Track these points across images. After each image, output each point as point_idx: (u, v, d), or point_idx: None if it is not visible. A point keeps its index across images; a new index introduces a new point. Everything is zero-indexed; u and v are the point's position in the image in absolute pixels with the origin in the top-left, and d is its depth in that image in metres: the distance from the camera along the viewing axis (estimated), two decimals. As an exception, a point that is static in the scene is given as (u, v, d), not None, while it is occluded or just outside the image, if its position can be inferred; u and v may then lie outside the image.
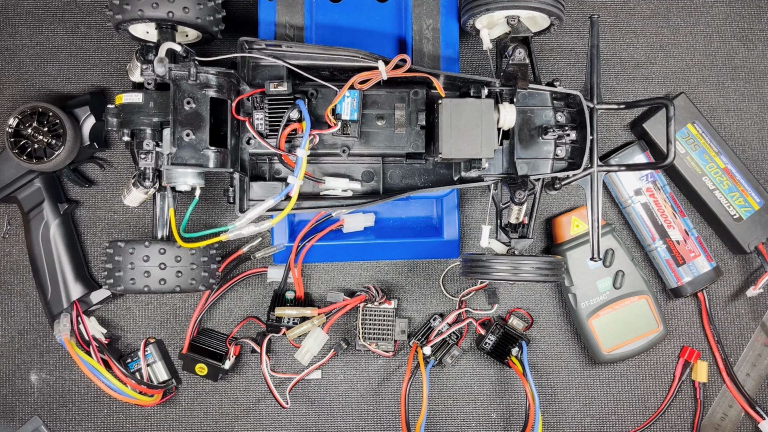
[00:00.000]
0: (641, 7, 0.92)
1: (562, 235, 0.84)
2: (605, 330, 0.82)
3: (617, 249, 0.82)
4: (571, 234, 0.83)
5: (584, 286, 0.82)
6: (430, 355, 0.85)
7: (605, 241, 0.82)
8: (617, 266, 0.82)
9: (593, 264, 0.79)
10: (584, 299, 0.82)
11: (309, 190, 0.78)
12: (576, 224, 0.83)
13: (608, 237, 0.82)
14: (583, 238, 0.83)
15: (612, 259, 0.81)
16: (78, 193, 0.88)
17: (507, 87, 0.74)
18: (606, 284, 0.82)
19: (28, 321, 0.87)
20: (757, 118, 0.91)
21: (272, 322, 0.83)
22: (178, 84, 0.69)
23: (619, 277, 0.81)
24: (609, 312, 0.82)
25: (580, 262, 0.82)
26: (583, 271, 0.82)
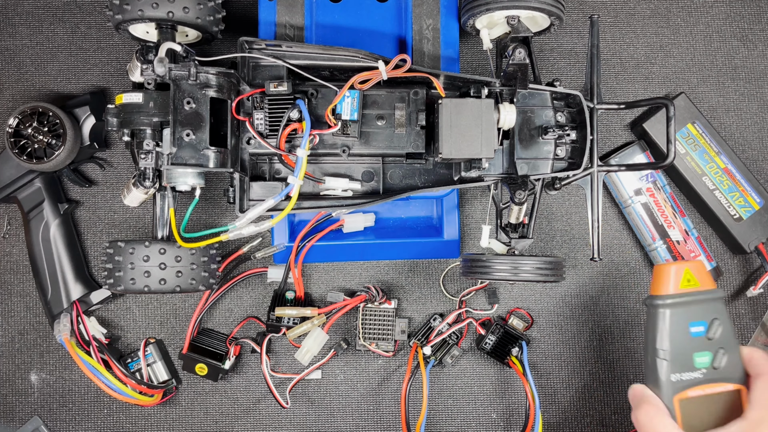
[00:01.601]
0: (641, 7, 0.92)
1: (665, 286, 0.65)
2: (690, 414, 0.63)
3: (724, 322, 0.63)
4: (678, 289, 0.64)
5: (679, 355, 0.63)
6: (430, 355, 0.85)
7: (713, 308, 0.64)
8: (721, 342, 0.63)
9: (695, 331, 0.63)
10: (676, 371, 0.63)
11: (309, 190, 0.78)
12: (687, 278, 0.64)
13: (716, 304, 0.64)
14: (692, 297, 0.64)
15: (717, 331, 0.63)
16: (78, 193, 0.88)
17: (507, 87, 0.74)
18: (705, 360, 0.63)
19: (28, 321, 0.87)
20: (757, 118, 0.91)
21: (272, 322, 0.83)
22: (178, 84, 0.69)
23: (720, 355, 0.63)
24: (700, 393, 0.63)
25: (681, 326, 0.63)
26: (682, 337, 0.63)
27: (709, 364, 0.63)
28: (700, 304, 0.63)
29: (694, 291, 0.64)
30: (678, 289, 0.64)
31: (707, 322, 0.63)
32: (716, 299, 0.64)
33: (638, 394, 0.63)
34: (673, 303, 0.63)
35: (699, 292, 0.63)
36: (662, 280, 0.65)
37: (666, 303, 0.63)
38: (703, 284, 0.64)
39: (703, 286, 0.63)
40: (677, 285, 0.64)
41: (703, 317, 0.63)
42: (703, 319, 0.63)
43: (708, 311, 0.63)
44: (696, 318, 0.63)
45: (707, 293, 0.64)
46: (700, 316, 0.63)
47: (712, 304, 0.63)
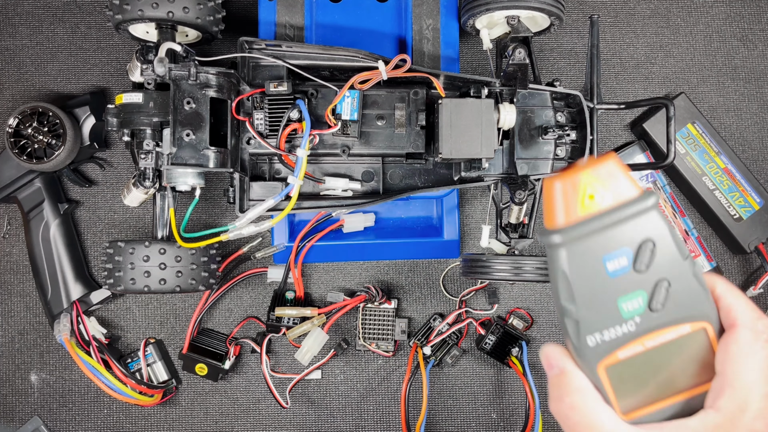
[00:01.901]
0: (641, 7, 0.92)
1: (554, 215, 0.41)
2: (625, 383, 0.42)
3: (662, 240, 0.40)
4: (576, 214, 0.40)
5: (595, 308, 0.42)
6: (430, 355, 0.85)
7: (643, 222, 0.40)
8: (659, 271, 0.41)
9: (615, 268, 0.40)
10: (593, 329, 0.41)
11: (309, 190, 0.78)
12: (589, 194, 0.40)
13: (650, 215, 0.40)
14: (599, 221, 0.40)
15: (651, 259, 0.40)
16: (78, 193, 0.88)
17: (507, 87, 0.74)
18: (636, 304, 0.41)
19: (28, 321, 0.87)
20: (757, 118, 0.91)
21: (272, 322, 0.83)
22: (178, 84, 0.69)
23: (661, 291, 0.41)
24: (635, 351, 0.41)
25: (591, 266, 0.41)
26: (595, 280, 0.41)
27: (644, 307, 0.41)
28: (615, 227, 0.40)
29: (601, 212, 0.40)
30: (575, 216, 0.40)
31: (632, 249, 0.40)
32: (642, 211, 0.40)
33: (555, 366, 0.43)
34: (570, 238, 0.40)
35: (610, 211, 0.40)
36: (550, 206, 0.41)
37: (558, 241, 0.40)
38: (617, 195, 0.40)
39: (615, 200, 0.40)
40: (573, 209, 0.41)
41: (623, 244, 0.40)
42: (623, 246, 0.41)
43: (631, 233, 0.40)
44: (612, 248, 0.41)
45: (624, 208, 0.40)
46: (619, 244, 0.40)
47: (635, 222, 0.40)
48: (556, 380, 0.41)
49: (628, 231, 0.40)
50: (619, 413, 0.41)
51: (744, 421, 0.37)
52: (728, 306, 0.41)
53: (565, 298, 0.42)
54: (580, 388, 0.40)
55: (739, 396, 0.38)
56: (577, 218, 0.40)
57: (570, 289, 0.41)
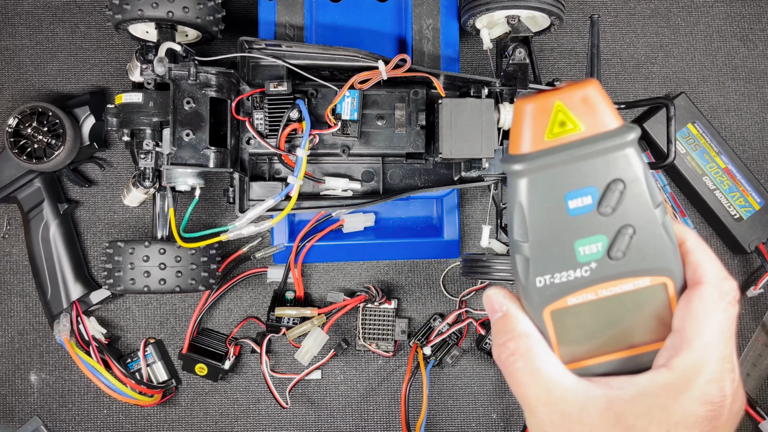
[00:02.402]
0: (641, 7, 0.92)
1: (521, 139, 0.37)
2: (570, 331, 0.38)
3: (635, 181, 0.36)
4: (545, 139, 0.36)
5: (550, 246, 0.37)
6: (431, 356, 0.85)
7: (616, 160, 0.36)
8: (625, 217, 0.36)
9: (577, 206, 0.36)
10: (544, 271, 0.37)
11: (309, 190, 0.78)
12: (561, 120, 0.36)
13: (626, 152, 0.36)
14: (569, 151, 0.35)
15: (619, 202, 0.36)
16: (78, 193, 0.88)
17: (507, 87, 0.74)
18: (594, 249, 0.37)
19: (27, 321, 0.87)
20: (757, 118, 0.91)
21: (272, 322, 0.83)
22: (177, 84, 0.69)
23: (623, 238, 0.36)
24: (586, 299, 0.38)
25: (551, 201, 0.36)
26: (553, 217, 0.37)
27: (602, 253, 0.37)
28: (584, 161, 0.36)
29: (570, 142, 0.36)
30: (542, 143, 0.36)
31: (599, 188, 0.36)
32: (618, 147, 0.36)
33: (498, 310, 0.39)
34: (533, 167, 0.36)
35: (581, 142, 0.35)
36: (518, 129, 0.37)
37: (519, 168, 0.36)
38: (592, 125, 0.35)
39: (590, 130, 0.35)
40: (541, 135, 0.36)
41: (590, 181, 0.36)
42: (589, 184, 0.36)
43: (601, 170, 0.36)
44: (577, 184, 0.36)
45: (598, 141, 0.35)
46: (585, 180, 0.36)
47: (608, 158, 0.36)
48: (499, 324, 0.38)
49: (598, 167, 0.36)
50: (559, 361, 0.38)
51: (698, 383, 0.35)
52: (696, 261, 0.38)
53: (518, 233, 0.37)
54: (524, 332, 0.37)
55: (696, 356, 0.35)
56: (543, 146, 0.36)
57: (524, 223, 0.37)
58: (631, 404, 0.35)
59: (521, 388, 0.36)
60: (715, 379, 0.35)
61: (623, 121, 0.36)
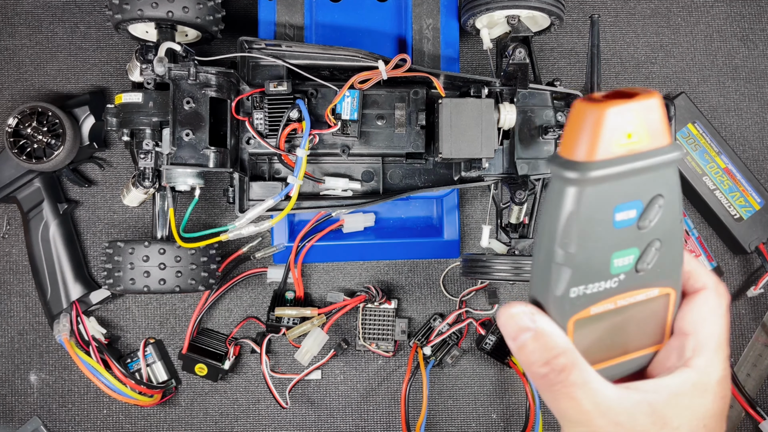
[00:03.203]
0: (641, 7, 0.92)
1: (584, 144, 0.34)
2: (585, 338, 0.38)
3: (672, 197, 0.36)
4: (611, 150, 0.33)
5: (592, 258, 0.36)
6: (431, 356, 0.85)
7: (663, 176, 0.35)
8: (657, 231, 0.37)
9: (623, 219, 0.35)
10: (581, 281, 0.36)
11: (309, 190, 0.78)
12: (629, 132, 0.34)
13: (672, 169, 0.36)
14: (630, 164, 0.34)
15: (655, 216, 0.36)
16: (78, 193, 0.88)
17: (507, 87, 0.74)
18: (626, 261, 0.37)
19: (27, 321, 0.87)
20: (757, 118, 0.91)
21: (272, 322, 0.83)
22: (177, 84, 0.69)
23: (652, 252, 0.37)
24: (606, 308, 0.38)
25: (602, 214, 0.35)
26: (600, 230, 0.36)
27: (631, 266, 0.37)
28: (638, 175, 0.35)
29: (635, 154, 0.34)
30: (605, 153, 0.34)
31: (644, 202, 0.36)
32: (668, 163, 0.35)
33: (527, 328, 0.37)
34: (592, 178, 0.34)
35: (641, 155, 0.34)
36: (577, 133, 0.34)
37: (575, 177, 0.34)
38: (653, 140, 0.34)
39: (650, 144, 0.34)
40: (606, 145, 0.34)
41: (638, 195, 0.36)
42: (638, 197, 0.36)
43: (649, 185, 0.35)
44: (628, 197, 0.35)
45: (655, 155, 0.34)
46: (635, 194, 0.35)
47: (657, 173, 0.35)
48: (536, 342, 0.36)
49: (647, 182, 0.35)
50: None
51: (716, 381, 0.37)
52: (694, 270, 0.40)
53: (561, 243, 0.35)
54: (568, 347, 0.36)
55: (710, 356, 0.37)
56: (606, 156, 0.34)
57: (571, 233, 0.35)
58: (671, 406, 0.36)
59: (573, 403, 0.36)
60: (725, 377, 0.38)
61: (673, 137, 0.37)
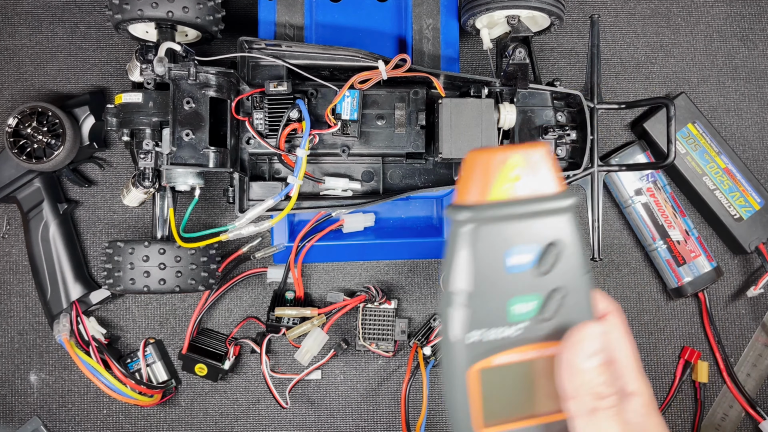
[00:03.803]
0: (641, 7, 0.92)
1: (470, 189, 0.37)
2: (495, 391, 0.38)
3: (572, 246, 0.37)
4: (497, 192, 0.36)
5: (484, 301, 0.37)
6: (431, 356, 0.85)
7: (557, 222, 0.37)
8: (559, 279, 0.37)
9: (514, 264, 0.37)
10: (475, 326, 0.37)
11: (309, 190, 0.78)
12: (515, 176, 0.37)
13: (566, 216, 0.37)
14: (517, 207, 0.36)
15: (555, 264, 0.37)
16: (78, 193, 0.88)
17: (507, 87, 0.74)
18: (527, 309, 0.37)
19: (27, 321, 0.87)
20: (757, 118, 0.91)
21: (272, 322, 0.83)
22: (177, 84, 0.69)
23: (555, 299, 0.37)
24: (514, 359, 0.38)
25: (491, 256, 0.36)
26: (491, 272, 0.37)
27: (534, 313, 0.37)
28: (528, 219, 0.36)
29: (519, 199, 0.36)
30: (492, 194, 0.36)
31: (538, 248, 0.37)
32: (561, 210, 0.37)
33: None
34: (480, 218, 0.36)
35: (529, 201, 0.36)
36: (468, 179, 0.37)
37: (465, 218, 0.36)
38: (540, 186, 0.37)
39: (537, 190, 0.37)
40: (492, 187, 0.36)
41: (531, 240, 0.37)
42: (531, 242, 0.37)
43: (542, 230, 0.37)
44: (518, 241, 0.36)
45: (544, 201, 0.37)
46: (527, 238, 0.37)
47: (550, 219, 0.37)
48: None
49: (540, 227, 0.37)
50: (480, 423, 0.37)
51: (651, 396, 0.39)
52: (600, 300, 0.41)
53: (454, 285, 0.36)
54: None
55: (639, 376, 0.39)
56: (490, 199, 0.36)
57: (464, 274, 0.36)
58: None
59: None
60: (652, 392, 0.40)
61: (566, 187, 0.38)
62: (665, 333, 0.89)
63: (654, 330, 0.89)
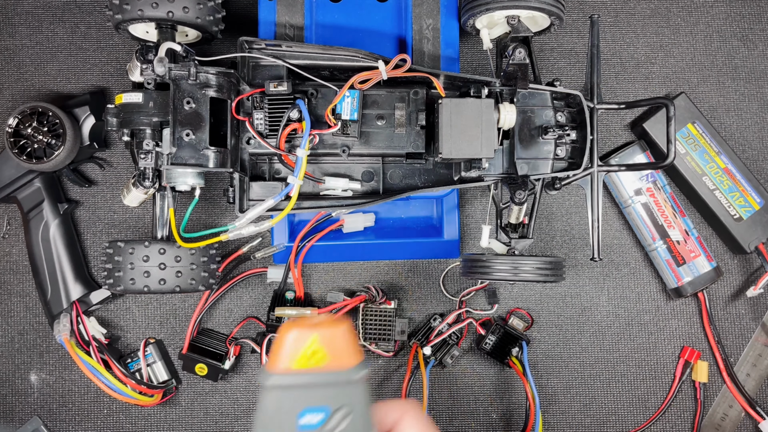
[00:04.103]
0: (641, 7, 0.92)
1: (276, 359, 0.45)
2: None
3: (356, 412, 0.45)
4: (293, 366, 0.45)
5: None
6: (431, 356, 0.85)
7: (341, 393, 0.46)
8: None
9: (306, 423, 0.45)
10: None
11: (309, 190, 0.78)
12: (313, 351, 0.45)
13: (348, 389, 0.46)
14: (310, 378, 0.45)
15: (339, 424, 0.45)
16: (78, 193, 0.88)
17: (507, 87, 0.74)
18: None
19: (28, 321, 0.87)
20: (757, 118, 0.91)
21: (272, 322, 0.83)
22: (177, 84, 0.69)
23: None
24: None
25: (287, 415, 0.45)
26: (286, 428, 0.45)
27: None
28: (322, 387, 0.45)
29: (314, 371, 0.45)
30: (291, 367, 0.45)
31: (327, 411, 0.45)
32: (349, 383, 0.46)
33: None
34: (280, 383, 0.45)
35: (323, 372, 0.45)
36: (277, 349, 0.45)
37: (269, 383, 0.45)
38: (336, 361, 0.46)
39: (332, 364, 0.46)
40: (294, 359, 0.45)
41: (324, 402, 0.45)
42: (323, 404, 0.45)
43: (334, 397, 0.46)
44: (313, 404, 0.45)
45: (335, 374, 0.46)
46: (321, 401, 0.45)
47: (341, 390, 0.46)
48: None
49: (330, 394, 0.45)
50: None
51: None
52: (383, 408, 0.47)
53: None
54: None
55: None
56: (293, 368, 0.45)
57: (261, 429, 0.45)
58: None
59: None
60: None
61: (361, 360, 0.45)
62: (665, 333, 0.89)
63: (654, 330, 0.89)
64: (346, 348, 0.46)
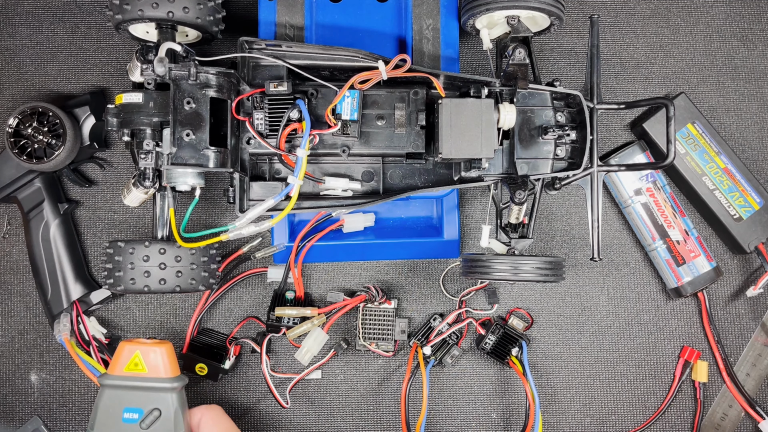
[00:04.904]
0: (641, 7, 0.92)
1: (113, 365, 0.68)
2: None
3: (166, 414, 0.68)
4: (122, 371, 0.67)
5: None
6: (430, 355, 0.85)
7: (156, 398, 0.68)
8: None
9: (128, 417, 0.66)
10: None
11: (309, 190, 0.78)
12: (135, 362, 0.68)
13: (162, 395, 0.68)
14: (133, 382, 0.67)
15: (151, 422, 0.67)
16: (78, 193, 0.88)
17: (507, 87, 0.74)
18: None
19: (28, 321, 0.87)
20: (757, 118, 0.91)
21: (272, 322, 0.83)
22: (178, 84, 0.69)
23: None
24: None
25: (115, 409, 0.66)
26: (114, 421, 0.66)
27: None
28: (141, 391, 0.66)
29: (137, 376, 0.66)
30: (122, 371, 0.67)
31: (144, 410, 0.65)
32: (162, 390, 0.66)
33: None
34: (111, 383, 0.67)
35: (142, 378, 0.66)
36: (115, 358, 0.67)
37: (103, 382, 0.67)
38: (153, 371, 0.66)
39: (150, 373, 0.66)
40: (122, 366, 0.67)
41: (142, 404, 0.65)
42: (141, 406, 0.65)
43: (150, 400, 0.65)
44: (134, 404, 0.65)
45: (151, 381, 0.66)
46: (139, 403, 0.65)
47: (155, 394, 0.65)
48: None
49: (149, 397, 0.65)
50: None
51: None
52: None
53: (90, 423, 0.66)
54: None
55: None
56: (121, 372, 0.66)
57: (95, 419, 0.65)
58: None
59: None
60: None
61: (178, 373, 0.68)
62: (665, 333, 0.89)
63: (654, 330, 0.89)
64: (166, 363, 0.66)
